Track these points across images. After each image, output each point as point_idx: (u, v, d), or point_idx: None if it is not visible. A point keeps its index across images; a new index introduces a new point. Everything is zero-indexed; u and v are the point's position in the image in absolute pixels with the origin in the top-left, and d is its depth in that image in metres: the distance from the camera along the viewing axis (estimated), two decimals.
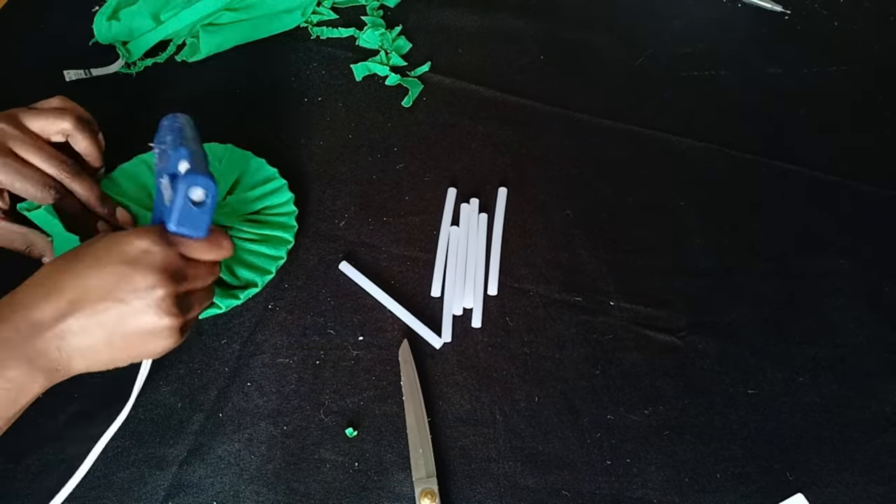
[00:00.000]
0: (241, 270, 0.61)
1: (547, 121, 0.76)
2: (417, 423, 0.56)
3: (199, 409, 0.58)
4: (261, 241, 0.63)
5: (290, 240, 0.63)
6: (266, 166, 0.67)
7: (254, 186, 0.66)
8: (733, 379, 0.61)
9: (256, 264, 0.62)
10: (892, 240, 0.70)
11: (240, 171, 0.66)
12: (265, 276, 0.61)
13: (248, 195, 0.65)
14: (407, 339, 0.60)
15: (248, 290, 0.60)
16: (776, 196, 0.72)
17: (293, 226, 0.64)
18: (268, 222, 0.64)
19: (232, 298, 0.59)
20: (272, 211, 0.65)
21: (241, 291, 0.60)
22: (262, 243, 0.63)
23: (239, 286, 0.61)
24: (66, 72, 0.74)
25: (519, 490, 0.55)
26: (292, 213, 0.65)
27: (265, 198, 0.65)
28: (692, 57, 0.83)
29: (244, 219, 0.64)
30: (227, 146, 0.68)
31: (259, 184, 0.66)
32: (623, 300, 0.64)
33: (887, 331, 0.64)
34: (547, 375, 0.60)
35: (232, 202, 0.65)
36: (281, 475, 0.55)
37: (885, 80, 0.83)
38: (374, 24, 0.81)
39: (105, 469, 0.55)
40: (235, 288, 0.61)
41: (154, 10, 0.76)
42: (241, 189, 0.66)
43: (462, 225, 0.67)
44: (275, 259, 0.62)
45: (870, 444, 0.58)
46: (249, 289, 0.60)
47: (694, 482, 0.56)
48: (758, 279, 0.67)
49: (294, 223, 0.64)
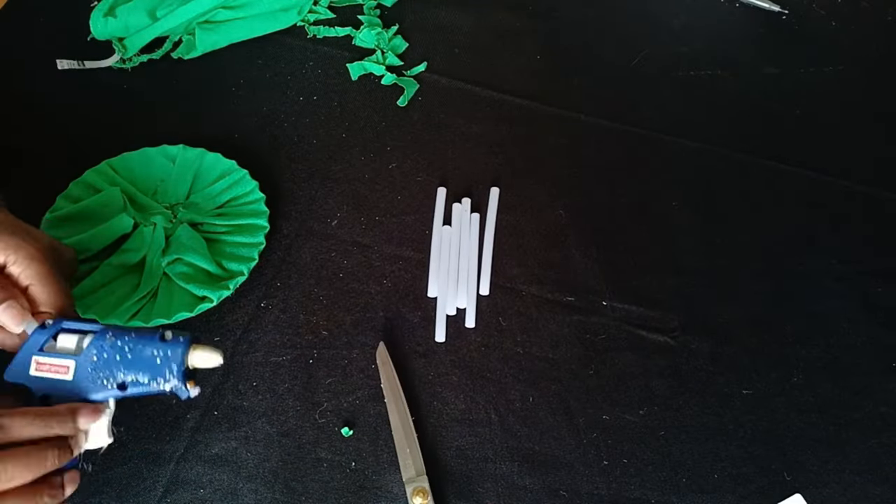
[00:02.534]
0: (226, 262, 0.62)
1: (542, 121, 0.76)
2: (402, 423, 0.56)
3: (195, 406, 0.57)
4: (235, 231, 0.64)
5: (264, 225, 0.64)
6: (222, 159, 0.67)
7: (215, 181, 0.66)
8: (728, 379, 0.61)
9: (238, 254, 0.63)
10: (886, 240, 0.70)
11: (195, 168, 0.67)
12: (249, 264, 0.61)
13: (211, 190, 0.66)
14: (383, 342, 0.60)
15: (236, 279, 0.60)
16: (770, 196, 0.72)
17: (264, 211, 0.65)
18: (238, 213, 0.65)
19: (223, 290, 0.60)
20: (239, 201, 0.66)
21: (231, 281, 0.60)
22: (237, 233, 0.64)
23: (226, 278, 0.61)
24: (59, 61, 0.74)
25: (516, 490, 0.55)
26: (261, 199, 0.65)
27: (229, 189, 0.66)
28: (689, 57, 0.83)
29: (213, 214, 0.65)
30: (180, 146, 0.68)
31: (219, 177, 0.67)
32: (616, 300, 0.64)
33: (881, 331, 0.64)
34: (541, 375, 0.60)
35: (197, 200, 0.65)
36: (279, 474, 0.55)
37: (882, 80, 0.83)
38: (370, 23, 0.81)
39: (103, 464, 0.55)
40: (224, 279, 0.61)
41: (150, 7, 0.76)
42: (202, 185, 0.67)
43: (454, 224, 0.67)
44: (255, 245, 0.63)
45: (866, 444, 0.58)
46: (236, 277, 0.61)
47: (692, 482, 0.56)
48: (751, 279, 0.67)
49: (265, 208, 0.65)
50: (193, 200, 0.66)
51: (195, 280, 0.60)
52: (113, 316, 0.57)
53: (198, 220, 0.64)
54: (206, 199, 0.66)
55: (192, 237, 0.62)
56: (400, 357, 0.60)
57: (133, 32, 0.76)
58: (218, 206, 0.66)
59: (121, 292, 0.60)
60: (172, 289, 0.60)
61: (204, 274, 0.61)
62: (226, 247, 0.63)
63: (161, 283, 0.61)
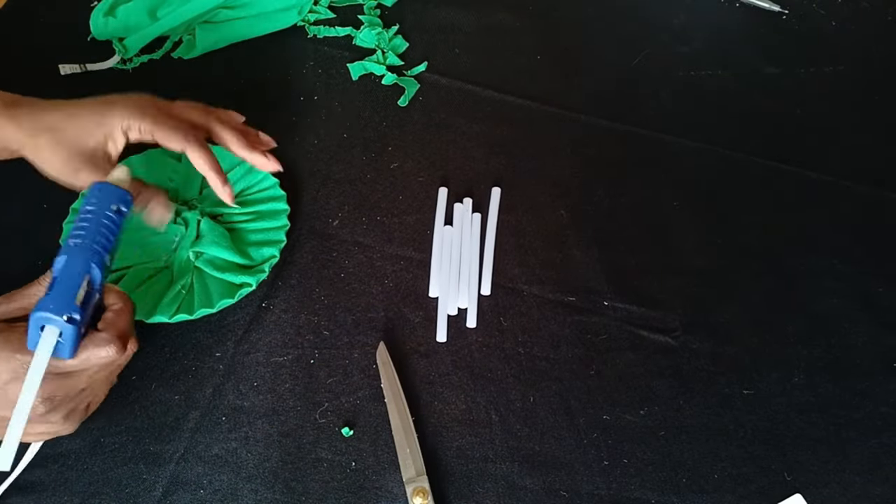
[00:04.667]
0: (253, 250, 0.63)
1: (542, 121, 0.76)
2: (402, 423, 0.56)
3: (195, 406, 0.57)
4: (257, 217, 0.65)
5: (285, 207, 0.65)
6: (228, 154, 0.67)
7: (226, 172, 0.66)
8: (728, 379, 0.61)
9: (266, 239, 0.64)
10: (887, 240, 0.70)
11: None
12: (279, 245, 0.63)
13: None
14: (384, 342, 0.60)
15: (270, 262, 0.62)
16: (771, 196, 0.72)
17: (282, 194, 0.66)
18: (255, 200, 0.66)
19: (259, 273, 0.61)
20: (254, 188, 0.67)
21: (266, 264, 0.62)
22: (261, 219, 0.64)
23: (258, 264, 0.62)
24: (62, 66, 0.75)
25: (517, 490, 0.55)
26: (275, 184, 0.66)
27: (242, 179, 0.67)
28: (689, 57, 0.83)
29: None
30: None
31: (230, 169, 0.67)
32: (617, 300, 0.64)
33: (881, 331, 0.64)
34: (542, 376, 0.60)
35: (210, 194, 0.65)
36: (279, 474, 0.55)
37: (882, 80, 0.83)
38: (370, 23, 0.81)
39: (103, 465, 0.55)
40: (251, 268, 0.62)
41: (151, 7, 0.76)
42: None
43: (456, 224, 0.67)
44: (281, 228, 0.64)
45: (867, 444, 0.58)
46: (269, 260, 0.62)
47: (692, 483, 0.56)
48: (752, 279, 0.67)
49: (281, 192, 0.66)
50: (207, 195, 0.66)
51: (228, 270, 0.61)
52: (157, 314, 0.58)
53: (219, 212, 0.65)
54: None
55: (214, 230, 0.62)
56: (401, 357, 0.60)
57: (133, 32, 0.76)
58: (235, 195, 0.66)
59: (156, 290, 0.60)
60: (206, 279, 0.61)
61: (233, 264, 0.62)
62: (249, 234, 0.64)
63: (193, 275, 0.61)
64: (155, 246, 0.62)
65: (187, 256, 0.62)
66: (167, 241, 0.62)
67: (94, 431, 0.55)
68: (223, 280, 0.61)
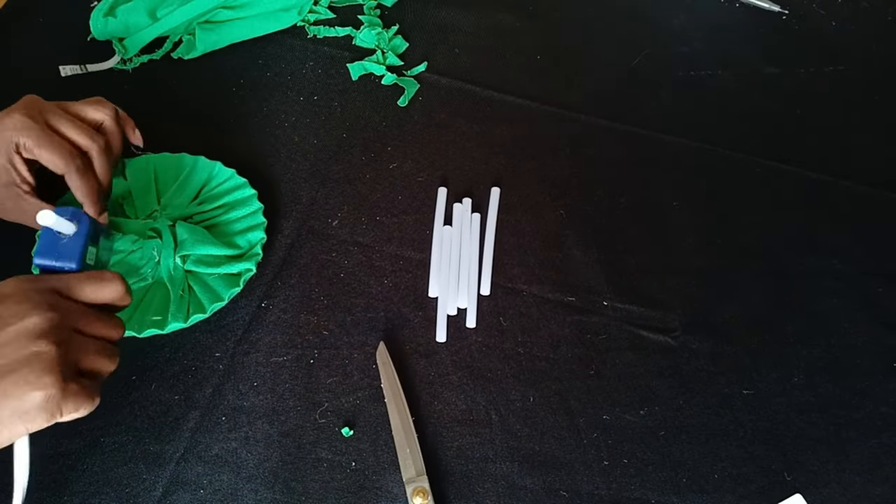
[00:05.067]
0: (239, 238, 0.63)
1: (542, 121, 0.76)
2: (402, 423, 0.56)
3: (195, 406, 0.57)
4: (230, 209, 0.65)
5: (253, 192, 0.65)
6: (168, 156, 0.67)
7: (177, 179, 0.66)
8: (728, 379, 0.61)
9: (248, 225, 0.64)
10: (886, 240, 0.70)
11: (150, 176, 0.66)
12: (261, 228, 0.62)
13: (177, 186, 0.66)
14: (384, 342, 0.60)
15: (259, 244, 0.62)
16: (771, 196, 0.72)
17: (244, 181, 0.65)
18: (220, 193, 0.66)
19: (254, 257, 0.61)
20: (211, 185, 0.66)
21: (256, 248, 0.61)
22: (233, 209, 0.64)
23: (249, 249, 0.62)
24: (62, 67, 0.74)
25: (517, 490, 0.55)
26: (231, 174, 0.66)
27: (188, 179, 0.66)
28: (689, 57, 0.83)
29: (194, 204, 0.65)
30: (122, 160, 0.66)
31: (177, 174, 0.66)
32: (617, 300, 0.64)
33: (881, 331, 0.64)
34: (541, 375, 0.60)
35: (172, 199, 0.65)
36: (279, 474, 0.55)
37: (881, 80, 0.83)
38: (370, 23, 0.81)
39: (103, 465, 0.55)
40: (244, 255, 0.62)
41: (150, 7, 0.76)
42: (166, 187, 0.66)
43: (455, 224, 0.67)
44: (257, 212, 0.64)
45: (867, 444, 0.58)
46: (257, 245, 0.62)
47: (692, 483, 0.56)
48: (752, 279, 0.67)
49: (241, 178, 0.66)
50: (167, 201, 0.65)
51: (222, 263, 0.61)
52: (170, 324, 0.57)
53: (188, 214, 0.64)
54: (177, 197, 0.65)
55: (192, 231, 0.61)
56: (400, 357, 0.60)
57: (133, 32, 0.76)
58: (193, 196, 0.65)
59: (157, 304, 0.59)
60: (203, 278, 0.61)
61: (224, 257, 0.61)
62: (230, 225, 0.64)
63: (188, 279, 0.61)
64: (135, 264, 0.61)
65: (174, 264, 0.60)
66: (147, 256, 0.61)
67: (93, 431, 0.55)
68: (221, 274, 0.60)
